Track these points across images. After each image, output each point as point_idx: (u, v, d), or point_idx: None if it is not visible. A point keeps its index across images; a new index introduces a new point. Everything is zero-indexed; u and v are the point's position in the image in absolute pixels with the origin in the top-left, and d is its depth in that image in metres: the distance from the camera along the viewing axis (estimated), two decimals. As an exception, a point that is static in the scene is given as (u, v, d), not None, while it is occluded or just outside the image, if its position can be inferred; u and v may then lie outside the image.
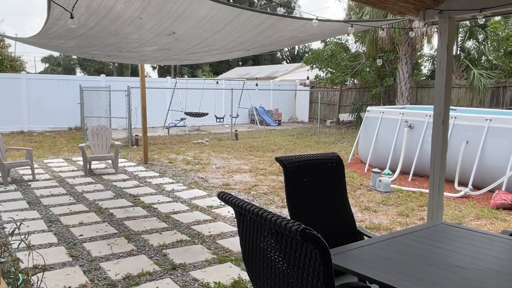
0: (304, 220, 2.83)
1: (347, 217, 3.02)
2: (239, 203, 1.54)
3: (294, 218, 2.81)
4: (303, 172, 2.81)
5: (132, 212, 6.28)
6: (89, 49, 6.33)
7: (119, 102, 14.59)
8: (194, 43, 4.47)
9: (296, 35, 4.43)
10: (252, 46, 4.63)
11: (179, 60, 5.81)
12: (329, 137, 15.91)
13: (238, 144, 13.78)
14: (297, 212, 2.79)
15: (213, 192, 7.59)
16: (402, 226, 5.72)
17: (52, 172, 9.08)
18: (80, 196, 7.17)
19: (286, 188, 2.76)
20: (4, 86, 15.80)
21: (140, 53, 5.32)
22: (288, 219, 1.33)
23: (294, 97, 23.37)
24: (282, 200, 7.03)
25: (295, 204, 2.78)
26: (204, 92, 18.80)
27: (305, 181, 2.82)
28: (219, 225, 5.73)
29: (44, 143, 13.30)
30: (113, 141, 9.54)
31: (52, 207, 6.48)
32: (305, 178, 2.81)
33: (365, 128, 10.14)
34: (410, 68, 17.23)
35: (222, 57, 5.25)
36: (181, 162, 10.41)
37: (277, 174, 9.09)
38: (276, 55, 53.11)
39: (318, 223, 2.88)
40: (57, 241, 4.97)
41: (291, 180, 2.75)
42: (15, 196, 7.08)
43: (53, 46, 6.63)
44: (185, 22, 4.04)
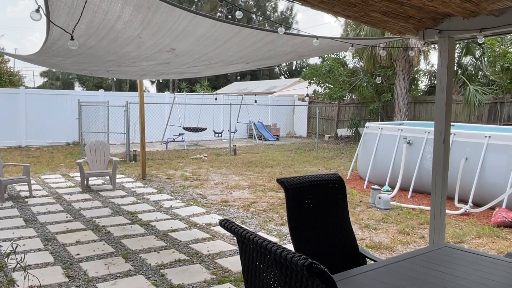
0: (306, 242, 2.78)
1: (349, 239, 2.97)
2: (242, 232, 1.50)
3: (296, 240, 2.76)
4: (305, 194, 2.77)
5: (129, 230, 6.20)
6: (88, 65, 6.34)
7: (117, 117, 14.57)
8: (194, 58, 4.48)
9: (295, 50, 4.44)
10: (252, 59, 4.63)
11: (178, 74, 5.81)
12: (328, 152, 15.89)
13: (237, 159, 13.74)
14: (298, 233, 2.74)
15: (211, 209, 7.52)
16: (403, 245, 5.66)
17: (49, 188, 9.00)
18: (77, 213, 7.09)
19: (287, 210, 2.72)
20: (2, 101, 15.79)
21: (139, 68, 5.31)
22: (294, 252, 1.29)
23: (292, 112, 23.42)
24: (281, 217, 6.97)
25: (297, 225, 2.73)
26: (203, 107, 18.82)
27: (307, 202, 2.78)
28: (218, 243, 5.66)
29: (41, 158, 13.23)
30: (111, 157, 9.49)
31: (48, 224, 6.40)
32: (306, 200, 2.78)
33: (364, 144, 10.13)
34: (407, 84, 17.31)
35: (222, 70, 5.24)
36: (179, 178, 10.35)
37: (276, 190, 9.04)
38: (274, 70, 53.43)
39: (320, 245, 2.83)
40: (54, 261, 4.89)
41: (293, 201, 2.71)
42: (11, 213, 6.99)
43: (52, 63, 6.65)
44: (185, 39, 4.04)
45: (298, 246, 2.76)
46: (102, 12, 3.38)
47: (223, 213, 7.25)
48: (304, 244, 2.75)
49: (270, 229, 6.34)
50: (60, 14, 3.22)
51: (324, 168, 12.18)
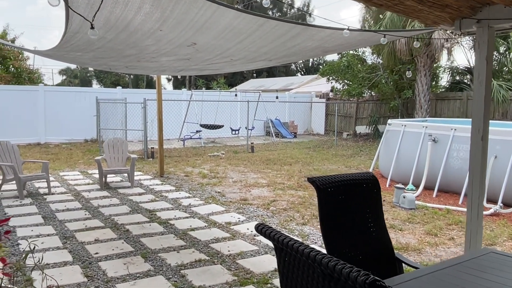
0: (339, 245, 2.60)
1: (384, 243, 2.78)
2: (282, 239, 1.33)
3: (329, 242, 2.58)
4: (338, 194, 2.58)
5: (148, 228, 6.10)
6: (107, 60, 6.23)
7: (135, 114, 14.56)
8: (215, 54, 4.31)
9: (321, 45, 4.24)
10: (275, 56, 4.45)
11: (198, 70, 5.66)
12: (347, 150, 15.60)
13: (255, 157, 13.58)
14: (331, 236, 2.56)
15: (230, 207, 7.37)
16: (432, 247, 5.42)
17: (67, 185, 8.98)
18: (96, 210, 7.02)
19: (320, 210, 2.54)
20: (22, 98, 15.92)
21: (159, 63, 5.18)
22: (350, 266, 1.11)
23: (310, 109, 23.14)
24: (302, 216, 6.78)
25: (330, 227, 2.55)
26: (220, 104, 18.70)
27: (340, 203, 2.60)
28: (238, 243, 5.50)
29: (60, 155, 13.28)
30: (129, 154, 9.42)
31: (67, 222, 6.34)
32: (339, 200, 2.59)
33: (386, 141, 9.85)
34: (429, 80, 16.90)
35: (243, 67, 5.08)
36: (197, 176, 10.23)
37: (296, 188, 8.84)
38: (290, 67, 53.13)
39: (354, 248, 2.65)
40: (72, 260, 4.80)
41: (325, 202, 2.53)
42: (30, 210, 6.96)
43: (70, 58, 6.57)
44: (207, 32, 3.88)
45: (331, 248, 2.58)
46: (122, 3, 3.24)
47: (243, 211, 7.10)
48: (337, 247, 2.57)
49: (291, 228, 6.16)
50: (80, 4, 3.08)
51: (344, 166, 11.93)
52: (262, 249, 5.27)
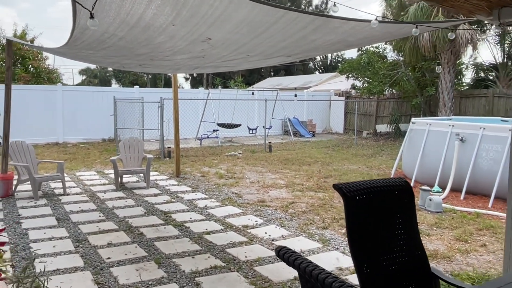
0: (369, 258, 2.32)
1: (419, 256, 2.48)
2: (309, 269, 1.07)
3: (357, 255, 2.30)
4: (367, 202, 2.30)
5: (163, 231, 5.90)
6: (120, 58, 6.06)
7: (152, 114, 14.44)
8: (231, 49, 4.06)
9: (344, 39, 3.95)
10: (294, 51, 4.18)
11: (214, 68, 5.43)
12: (367, 149, 15.20)
13: (272, 156, 13.31)
14: (360, 248, 2.28)
15: (248, 209, 7.13)
16: (462, 254, 5.07)
17: (83, 185, 8.87)
18: (110, 212, 6.87)
19: (347, 220, 2.26)
20: (41, 98, 16.00)
21: (173, 62, 4.96)
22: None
23: (329, 107, 22.73)
24: (322, 219, 6.48)
25: (358, 238, 2.27)
26: (237, 103, 18.49)
27: (370, 212, 2.32)
28: (256, 248, 5.25)
29: (77, 154, 13.26)
30: (145, 154, 9.27)
31: (81, 224, 6.19)
32: (369, 209, 2.31)
33: (409, 140, 9.47)
34: (453, 77, 16.34)
35: (260, 63, 4.82)
36: (214, 176, 10.03)
37: (315, 190, 8.55)
38: (308, 65, 52.67)
39: (385, 262, 2.36)
40: (83, 265, 4.62)
41: (353, 210, 2.25)
42: (44, 211, 6.85)
43: (83, 56, 6.42)
44: (222, 26, 3.63)
45: (360, 262, 2.30)
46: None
47: (260, 214, 6.84)
48: (366, 260, 2.29)
49: (311, 232, 5.88)
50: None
51: (365, 166, 11.57)
52: (281, 255, 5.00)
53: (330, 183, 9.20)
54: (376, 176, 9.96)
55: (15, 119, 15.15)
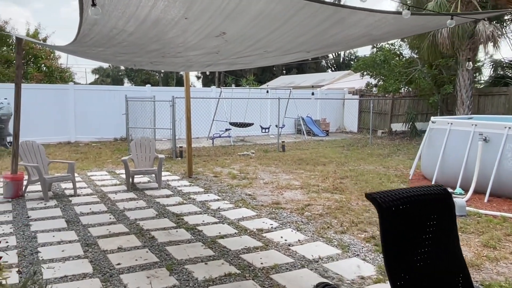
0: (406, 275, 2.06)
1: (460, 273, 2.21)
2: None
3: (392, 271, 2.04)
4: (404, 213, 2.04)
5: (175, 235, 5.69)
6: (130, 56, 5.86)
7: (163, 113, 14.28)
8: (247, 45, 3.82)
9: (368, 33, 3.68)
10: (314, 47, 3.92)
11: (228, 65, 5.18)
12: (383, 149, 14.84)
13: (286, 156, 13.05)
14: (396, 263, 2.02)
15: (262, 212, 6.88)
16: (492, 262, 4.76)
17: (94, 186, 8.71)
18: (121, 214, 6.68)
19: (382, 233, 2.01)
20: (53, 97, 15.94)
21: (185, 58, 4.74)
22: None
23: (342, 106, 22.36)
24: (340, 223, 6.21)
25: (394, 253, 2.02)
26: (249, 102, 18.24)
27: (407, 223, 2.06)
28: (272, 254, 5.01)
29: (89, 154, 13.15)
30: (156, 154, 9.08)
31: (91, 227, 6.01)
32: (406, 220, 2.05)
33: (429, 140, 9.13)
34: (471, 74, 15.88)
35: (277, 60, 4.57)
36: (227, 176, 9.80)
37: (331, 191, 8.26)
38: (321, 63, 52.23)
39: (424, 279, 2.10)
40: (92, 271, 4.42)
41: (389, 222, 1.99)
42: (54, 213, 6.69)
43: (93, 54, 6.23)
44: (238, 19, 3.39)
45: (394, 276, 2.04)
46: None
47: (275, 217, 6.60)
48: (403, 277, 2.03)
49: (329, 237, 5.61)
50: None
51: (382, 166, 11.24)
52: (299, 262, 4.75)
53: (347, 184, 8.92)
54: (393, 177, 9.64)
55: (27, 118, 15.13)
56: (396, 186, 8.70)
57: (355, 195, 7.92)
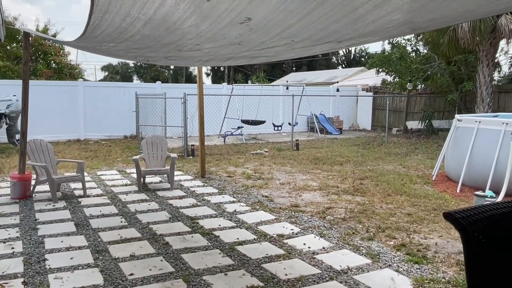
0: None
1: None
2: None
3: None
4: (493, 234, 1.64)
5: (190, 241, 5.33)
6: (143, 51, 5.49)
7: (174, 110, 13.95)
8: (273, 34, 3.43)
9: (411, 20, 3.28)
10: (347, 36, 3.51)
11: (249, 58, 4.79)
12: (400, 148, 14.37)
13: (300, 155, 12.64)
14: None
15: (281, 215, 6.50)
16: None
17: (104, 186, 8.39)
18: (133, 217, 6.34)
19: (467, 257, 1.61)
20: (62, 94, 15.68)
21: (204, 52, 4.37)
22: None
23: (356, 103, 21.87)
24: (366, 229, 5.81)
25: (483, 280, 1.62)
26: (261, 99, 17.84)
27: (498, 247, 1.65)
28: (296, 264, 4.62)
29: (99, 152, 12.85)
30: (168, 153, 8.74)
31: (101, 231, 5.67)
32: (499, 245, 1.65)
33: (454, 139, 8.67)
34: (492, 71, 15.33)
35: (304, 52, 4.17)
36: (241, 176, 9.43)
37: (352, 193, 7.86)
38: (331, 59, 51.68)
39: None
40: (103, 283, 4.08)
41: (476, 250, 1.59)
42: (63, 215, 6.37)
43: (104, 50, 5.87)
44: (265, 2, 3.00)
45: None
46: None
47: (295, 221, 6.21)
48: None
49: (356, 244, 5.21)
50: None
51: (401, 166, 10.79)
52: (326, 273, 4.36)
53: (367, 185, 8.50)
54: (415, 178, 9.21)
55: (36, 115, 14.90)
56: (419, 188, 8.28)
57: (378, 198, 7.50)
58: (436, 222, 6.06)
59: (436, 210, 6.68)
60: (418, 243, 5.25)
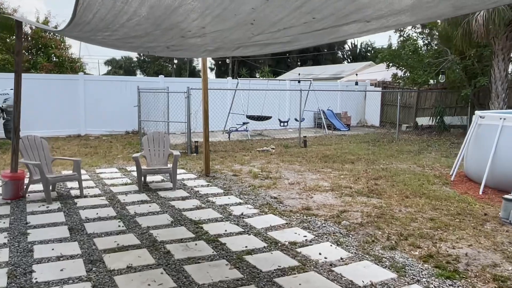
0: None
1: None
2: None
3: None
4: None
5: (194, 249, 4.83)
6: (143, 40, 4.97)
7: (177, 105, 13.43)
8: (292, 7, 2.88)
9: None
10: (380, 12, 2.96)
11: (261, 46, 4.22)
12: (412, 145, 13.82)
13: (309, 152, 12.12)
14: None
15: (292, 219, 6.00)
16: None
17: (103, 185, 7.91)
18: (132, 220, 5.86)
19: None
20: (62, 88, 15.19)
21: (210, 37, 3.84)
22: None
23: (364, 99, 21.29)
24: (387, 236, 5.29)
25: None
26: (267, 94, 17.30)
27: None
28: (313, 278, 4.12)
29: (99, 148, 12.38)
30: (171, 150, 8.25)
31: (96, 237, 5.19)
32: None
33: (476, 137, 8.12)
34: (507, 65, 14.71)
35: (325, 36, 3.60)
36: (247, 175, 8.93)
37: (367, 194, 7.34)
38: (337, 54, 51.04)
39: None
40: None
41: None
42: (56, 218, 5.89)
43: (100, 40, 5.35)
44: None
45: None
46: None
47: (308, 226, 5.71)
48: None
49: (377, 255, 4.70)
50: None
51: (416, 164, 10.25)
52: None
53: (382, 185, 7.98)
54: (432, 178, 8.67)
55: (35, 110, 14.45)
56: (438, 189, 7.75)
57: (396, 200, 6.98)
58: (462, 229, 5.54)
59: (460, 215, 6.15)
60: (446, 254, 4.73)
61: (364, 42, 50.26)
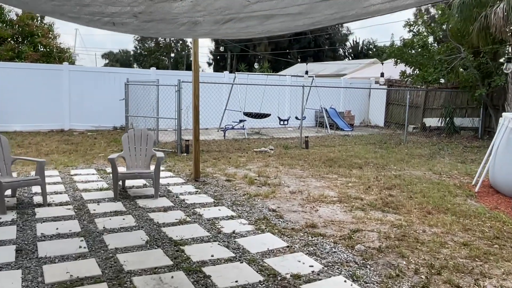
0: None
1: None
2: None
3: None
4: None
5: (168, 284, 3.74)
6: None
7: (169, 99, 12.30)
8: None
9: None
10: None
11: (261, 19, 3.08)
12: (421, 148, 12.74)
13: (311, 154, 11.02)
14: None
15: (294, 240, 4.92)
16: None
17: (74, 190, 6.81)
18: (97, 239, 4.76)
19: None
20: (45, 79, 14.02)
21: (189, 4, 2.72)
22: None
23: (368, 97, 20.19)
24: (414, 268, 4.20)
25: None
26: (266, 90, 16.17)
27: None
28: (324, 337, 3.02)
29: (81, 145, 11.26)
30: (154, 151, 7.15)
31: (48, 262, 4.10)
32: None
33: (507, 143, 7.04)
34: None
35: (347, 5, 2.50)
36: (242, 181, 7.83)
37: (381, 208, 6.26)
38: (338, 51, 49.95)
39: None
40: None
41: None
42: (5, 234, 4.80)
43: (87, 20, 4.16)
44: None
45: None
46: None
47: (315, 251, 4.62)
48: None
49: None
50: None
51: (431, 171, 9.17)
52: None
53: (398, 197, 6.90)
54: (453, 188, 7.59)
55: (15, 102, 13.32)
56: (463, 202, 6.67)
57: (416, 216, 5.90)
58: (507, 260, 4.46)
59: (498, 239, 5.08)
60: (495, 297, 3.66)
61: (366, 40, 49.21)
